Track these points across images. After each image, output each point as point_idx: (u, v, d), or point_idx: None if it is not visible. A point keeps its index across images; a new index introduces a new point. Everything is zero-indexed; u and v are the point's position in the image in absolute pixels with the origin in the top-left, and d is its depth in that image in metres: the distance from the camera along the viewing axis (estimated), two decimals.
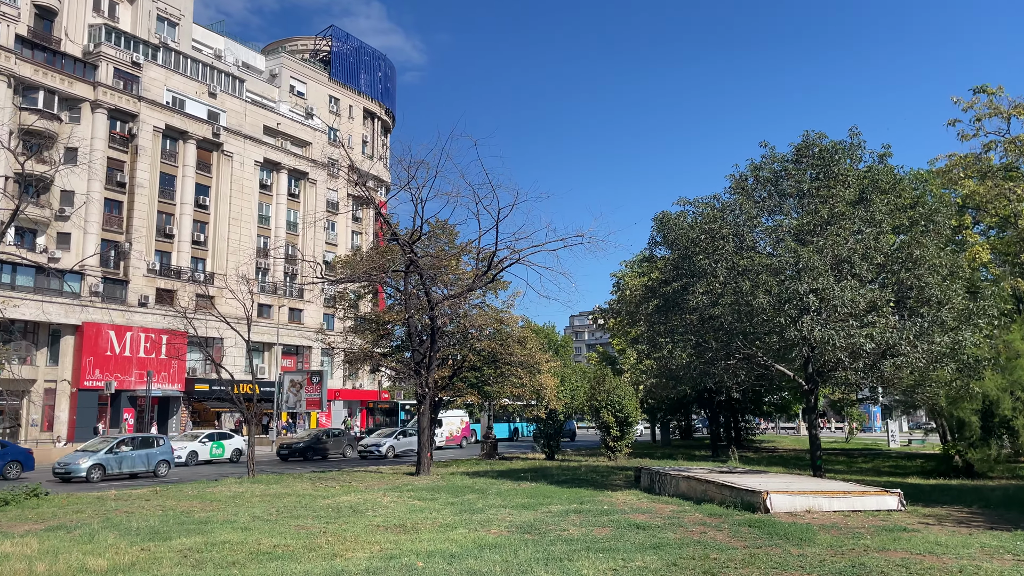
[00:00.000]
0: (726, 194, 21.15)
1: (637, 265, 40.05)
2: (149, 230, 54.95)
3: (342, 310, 32.03)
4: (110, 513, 16.17)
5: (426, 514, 15.88)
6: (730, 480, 16.50)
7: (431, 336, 26.67)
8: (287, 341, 63.34)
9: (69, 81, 51.59)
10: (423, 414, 26.57)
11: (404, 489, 21.02)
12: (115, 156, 54.09)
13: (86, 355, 50.02)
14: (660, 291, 21.64)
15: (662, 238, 21.52)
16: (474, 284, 26.32)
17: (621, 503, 17.16)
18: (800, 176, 19.80)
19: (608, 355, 46.42)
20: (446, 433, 47.94)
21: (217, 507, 17.25)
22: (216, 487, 22.03)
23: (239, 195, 61.24)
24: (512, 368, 30.48)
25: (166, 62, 58.26)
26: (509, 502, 17.71)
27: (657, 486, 19.46)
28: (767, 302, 17.57)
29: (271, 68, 70.16)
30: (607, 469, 27.14)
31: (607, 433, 31.70)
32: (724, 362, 20.52)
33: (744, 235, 19.09)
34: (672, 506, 16.27)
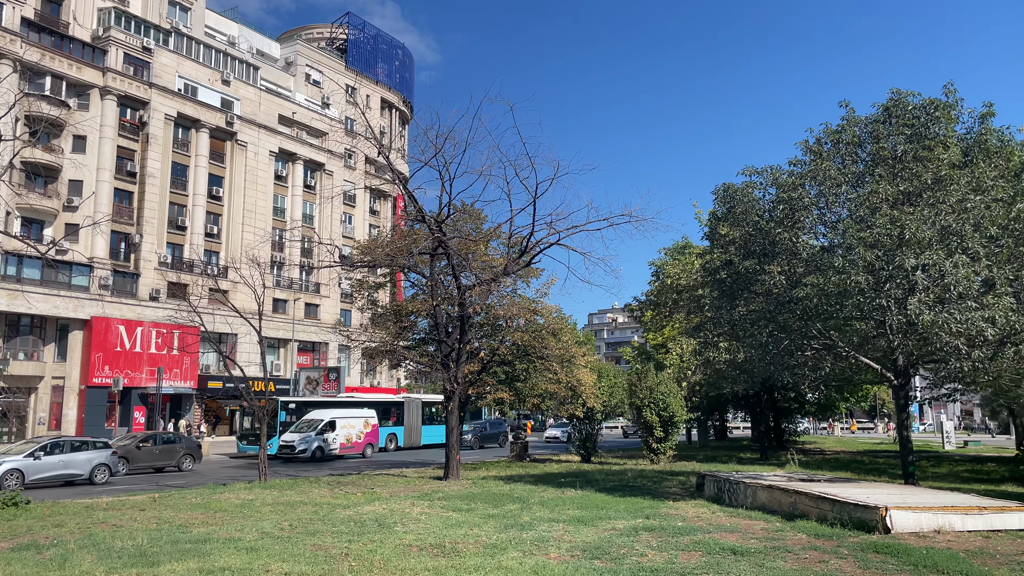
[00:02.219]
0: (796, 166, 18.49)
1: (678, 252, 37.42)
2: (160, 222, 52.84)
3: (361, 300, 29.57)
4: (94, 527, 13.77)
5: (465, 530, 13.38)
6: (827, 491, 13.88)
7: (460, 327, 24.16)
8: (303, 337, 61.14)
9: (77, 66, 49.55)
10: (452, 412, 24.08)
11: (434, 497, 18.53)
12: (125, 145, 52.02)
13: (95, 351, 47.99)
14: (725, 272, 18.98)
15: (726, 212, 18.88)
16: (507, 268, 23.76)
17: (693, 517, 14.57)
18: (894, 138, 17.13)
19: (644, 350, 43.73)
20: (342, 438, 38.83)
21: (221, 519, 14.82)
22: (223, 493, 19.64)
23: (253, 186, 59.07)
24: (546, 362, 27.95)
25: (178, 48, 56.14)
26: (559, 514, 15.17)
27: (727, 496, 16.85)
28: (865, 281, 14.93)
29: (286, 56, 67.97)
30: (656, 474, 24.53)
31: (649, 434, 29.07)
32: (801, 353, 17.91)
33: (830, 204, 16.44)
34: (760, 522, 13.66)
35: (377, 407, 44.04)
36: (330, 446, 37.73)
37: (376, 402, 45.87)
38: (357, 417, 40.71)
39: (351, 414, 40.64)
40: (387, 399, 47.41)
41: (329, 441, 37.64)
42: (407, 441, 46.24)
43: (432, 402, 48.24)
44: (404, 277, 29.93)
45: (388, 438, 44.61)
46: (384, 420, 44.53)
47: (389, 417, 45.51)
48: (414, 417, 47.07)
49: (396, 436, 45.57)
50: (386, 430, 44.59)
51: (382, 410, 44.75)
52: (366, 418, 41.28)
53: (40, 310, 46.15)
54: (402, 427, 46.33)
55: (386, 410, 45.44)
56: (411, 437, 46.61)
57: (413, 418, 46.95)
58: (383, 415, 44.45)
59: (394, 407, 46.67)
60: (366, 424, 40.96)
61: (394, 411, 46.43)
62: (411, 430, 46.67)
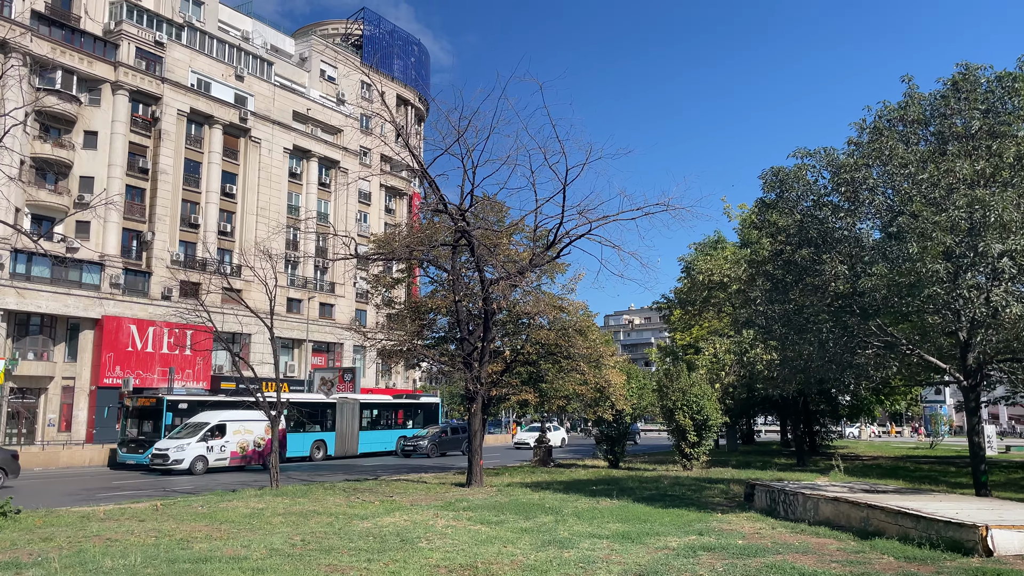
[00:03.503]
0: (855, 146, 16.91)
1: (710, 247, 35.81)
2: (173, 219, 51.76)
3: (378, 296, 28.19)
4: (86, 542, 12.41)
5: (498, 547, 11.90)
6: (906, 505, 12.30)
7: (484, 323, 22.69)
8: (317, 337, 59.93)
9: (89, 61, 48.54)
10: (475, 415, 22.61)
11: (458, 506, 17.07)
12: (137, 141, 50.97)
13: (106, 351, 46.94)
14: (777, 263, 17.40)
15: (775, 198, 17.32)
16: (534, 261, 22.27)
17: (752, 533, 13.02)
18: (968, 113, 15.54)
19: (671, 350, 42.08)
20: (234, 445, 32.03)
21: (227, 532, 13.42)
22: (231, 501, 18.26)
23: (267, 183, 57.94)
24: (573, 362, 26.44)
25: (191, 42, 55.10)
26: (600, 529, 13.67)
27: (783, 508, 15.28)
28: (943, 269, 13.35)
29: (301, 52, 66.87)
30: (693, 482, 22.96)
31: (682, 438, 27.47)
32: (863, 352, 16.34)
33: (898, 187, 14.85)
34: (831, 540, 12.10)
35: (303, 408, 37.59)
36: (217, 455, 31.29)
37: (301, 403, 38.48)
38: (257, 420, 32.81)
39: (250, 416, 33.09)
40: (315, 400, 41.17)
41: (215, 449, 31.18)
42: (340, 449, 40.18)
43: (374, 404, 43.70)
44: (423, 272, 28.56)
45: (315, 445, 38.84)
46: (311, 424, 38.74)
47: (317, 421, 39.48)
48: (349, 421, 40.96)
49: (325, 443, 39.49)
50: (312, 436, 38.75)
51: (308, 412, 38.25)
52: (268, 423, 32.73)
53: (50, 309, 45.19)
54: (333, 433, 40.15)
55: (313, 412, 39.07)
56: (345, 444, 40.51)
57: (348, 422, 40.84)
58: (309, 418, 38.44)
59: (324, 409, 40.24)
60: (268, 429, 31.42)
61: (324, 413, 40.07)
62: (345, 436, 40.58)
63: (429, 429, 42.83)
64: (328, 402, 40.75)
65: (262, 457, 32.82)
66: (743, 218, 36.24)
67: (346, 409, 40.90)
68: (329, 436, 39.84)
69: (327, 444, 39.50)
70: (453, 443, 42.70)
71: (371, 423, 42.86)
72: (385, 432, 43.89)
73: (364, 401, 43.34)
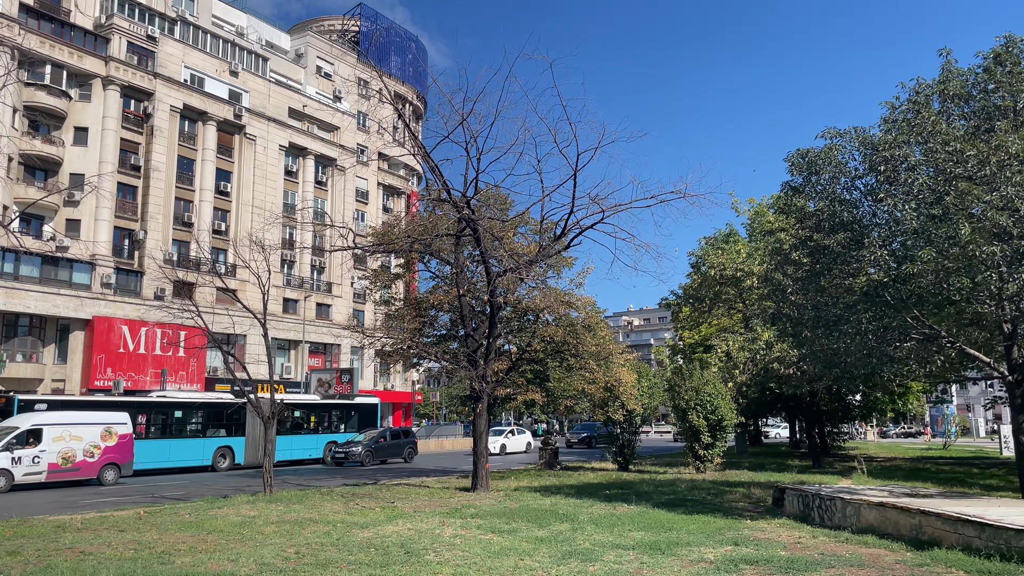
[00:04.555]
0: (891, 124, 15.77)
1: (722, 241, 34.67)
2: (166, 217, 50.51)
3: (377, 292, 27.02)
4: (56, 555, 11.20)
5: (514, 560, 10.72)
6: (966, 511, 11.14)
7: (490, 318, 21.51)
8: (314, 338, 58.68)
9: (79, 55, 47.32)
10: (480, 415, 21.42)
11: (465, 513, 15.88)
12: (129, 137, 49.70)
13: (96, 352, 45.67)
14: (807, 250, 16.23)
15: (804, 181, 16.16)
16: (542, 253, 21.10)
17: (792, 543, 11.85)
18: (1017, 86, 14.41)
19: (679, 348, 40.88)
20: (53, 456, 25.19)
21: (214, 544, 12.21)
22: (222, 508, 17.05)
23: (263, 181, 56.70)
24: (581, 360, 25.29)
25: (184, 37, 53.90)
26: (622, 538, 12.49)
27: (818, 514, 14.11)
28: (999, 252, 12.21)
29: (296, 48, 65.67)
30: (711, 485, 21.78)
31: (696, 439, 26.27)
32: (901, 344, 15.20)
33: (942, 165, 13.69)
34: (884, 551, 10.94)
35: (205, 410, 33.96)
36: (28, 469, 24.66)
37: (202, 403, 34.80)
38: (92, 424, 26.71)
39: (83, 419, 26.86)
40: (219, 400, 35.95)
41: (25, 461, 24.51)
42: (250, 457, 34.34)
43: (297, 404, 38.59)
44: (423, 267, 27.37)
45: (219, 453, 33.63)
46: (214, 428, 33.90)
47: (222, 424, 34.32)
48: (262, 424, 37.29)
49: (231, 450, 34.20)
50: (216, 442, 33.61)
51: (211, 414, 34.10)
52: (108, 426, 26.94)
53: (39, 309, 43.96)
54: (242, 438, 34.59)
55: (216, 414, 34.31)
56: (256, 451, 33.84)
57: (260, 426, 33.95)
58: (214, 421, 34.03)
59: (230, 412, 34.38)
60: (106, 435, 26.70)
61: (231, 415, 34.46)
62: (257, 442, 34.07)
63: (366, 434, 38.12)
64: (235, 402, 35.00)
65: (98, 469, 26.43)
66: (756, 211, 35.12)
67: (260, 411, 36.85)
68: (237, 441, 34.41)
69: (235, 451, 34.15)
70: (393, 450, 38.35)
71: (294, 426, 37.39)
72: (311, 437, 38.44)
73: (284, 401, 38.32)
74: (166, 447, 31.85)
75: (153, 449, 31.08)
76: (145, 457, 30.16)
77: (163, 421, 32.57)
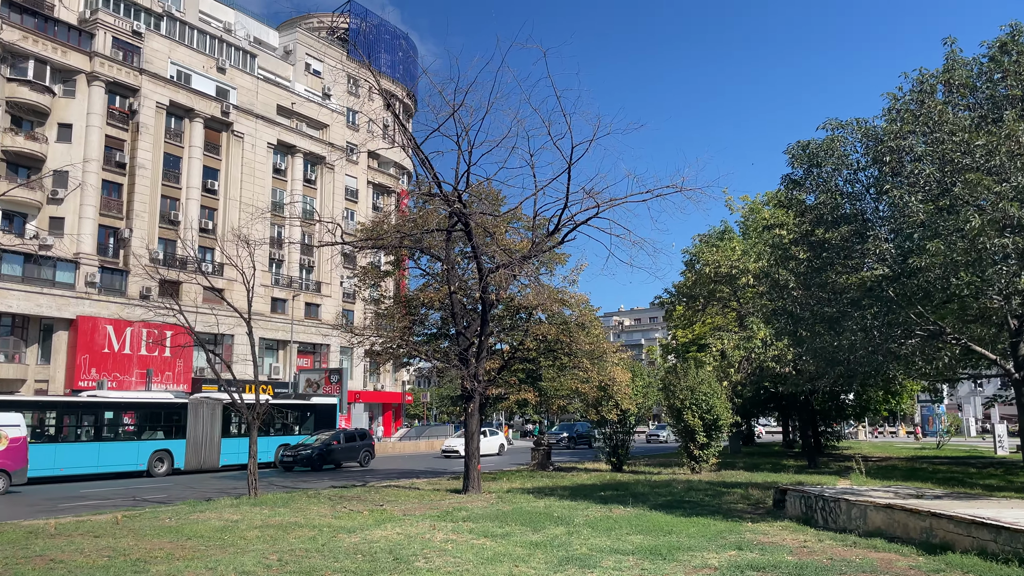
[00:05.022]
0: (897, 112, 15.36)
1: (716, 238, 34.23)
2: (152, 216, 49.74)
3: (366, 290, 26.46)
4: (26, 563, 10.61)
5: (508, 566, 10.21)
6: (979, 514, 10.69)
7: (482, 316, 20.98)
8: (303, 338, 58.00)
9: (63, 50, 46.52)
10: (471, 415, 20.89)
11: (456, 516, 15.35)
12: (114, 134, 48.92)
13: (81, 352, 44.89)
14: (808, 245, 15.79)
15: (804, 174, 15.71)
16: (535, 248, 20.58)
17: (798, 547, 11.38)
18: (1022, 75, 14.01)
19: (672, 347, 40.41)
20: None
21: (192, 551, 11.64)
22: (204, 512, 16.46)
23: (251, 179, 55.98)
24: (575, 359, 24.81)
25: (170, 32, 53.15)
26: (620, 542, 11.99)
27: (822, 516, 13.65)
28: (1011, 244, 11.79)
29: (285, 45, 64.96)
30: (708, 486, 21.33)
31: (691, 439, 25.81)
32: (906, 341, 14.79)
33: (949, 155, 13.26)
34: (895, 556, 10.48)
35: (141, 411, 31.60)
36: None
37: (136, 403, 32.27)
38: None
39: None
40: (155, 400, 33.60)
41: None
42: (193, 461, 32.42)
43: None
44: (413, 264, 26.86)
45: (156, 457, 31.06)
46: (151, 430, 31.48)
47: (159, 426, 31.94)
48: (206, 426, 33.12)
49: (170, 454, 31.66)
50: (152, 445, 31.14)
51: (148, 415, 31.69)
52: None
53: (21, 309, 43.16)
54: (182, 441, 32.19)
55: (154, 415, 31.95)
56: (200, 455, 32.67)
57: (204, 428, 33.07)
58: (151, 423, 31.63)
59: (169, 412, 32.35)
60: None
61: (170, 417, 32.30)
62: (200, 445, 32.73)
63: (318, 436, 35.83)
64: (175, 402, 33.28)
65: None
66: (750, 208, 34.70)
67: (202, 411, 33.16)
68: (177, 445, 31.94)
69: (172, 455, 31.67)
70: (347, 453, 36.05)
71: (241, 428, 34.33)
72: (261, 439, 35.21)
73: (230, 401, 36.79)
74: (94, 451, 29.52)
75: (78, 453, 28.93)
76: (69, 462, 28.52)
77: (92, 423, 30.11)
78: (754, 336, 26.83)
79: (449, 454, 42.64)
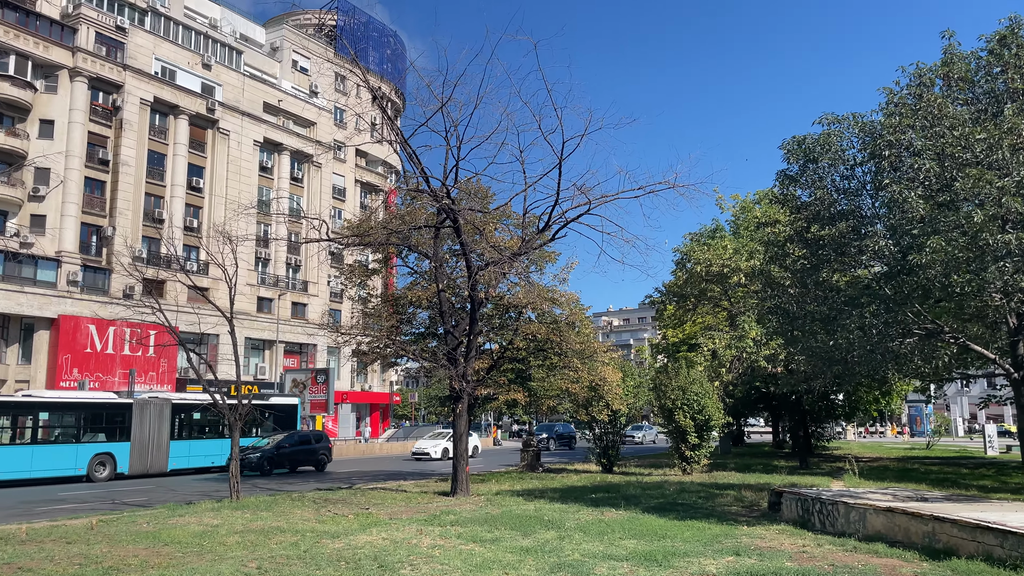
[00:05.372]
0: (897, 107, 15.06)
1: (708, 237, 33.91)
2: (136, 214, 49.03)
3: (352, 288, 25.99)
4: None
5: (497, 573, 9.82)
6: (983, 517, 10.36)
7: (471, 314, 20.57)
8: (290, 338, 57.37)
9: (45, 45, 45.79)
10: (460, 415, 20.47)
11: (445, 520, 14.92)
12: (97, 131, 48.21)
13: (62, 352, 44.18)
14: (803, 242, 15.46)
15: (801, 169, 15.39)
16: (525, 245, 20.19)
17: (797, 552, 11.02)
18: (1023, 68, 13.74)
19: (663, 347, 40.07)
20: None
21: (168, 558, 11.17)
22: (184, 516, 15.95)
23: (236, 177, 55.31)
24: (565, 359, 24.43)
25: (154, 28, 52.47)
26: (613, 547, 11.60)
27: (819, 519, 13.31)
28: (1013, 241, 11.48)
29: (272, 41, 64.30)
30: (700, 488, 20.99)
31: (682, 440, 25.47)
32: (903, 340, 14.50)
33: (949, 150, 12.95)
34: (898, 561, 10.14)
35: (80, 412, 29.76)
36: None
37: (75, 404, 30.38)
38: None
39: None
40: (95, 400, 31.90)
41: None
42: (138, 465, 30.32)
43: (192, 405, 32.88)
44: (402, 261, 26.42)
45: (97, 461, 29.13)
46: (92, 433, 29.73)
47: (101, 428, 29.99)
48: (153, 428, 30.98)
49: (112, 457, 29.59)
50: (93, 448, 29.24)
51: (88, 417, 29.93)
52: None
53: (2, 308, 42.43)
54: (127, 443, 30.06)
55: (95, 417, 30.12)
56: (145, 459, 30.62)
57: (151, 429, 30.93)
58: (92, 425, 29.87)
59: (111, 413, 30.39)
60: None
61: (112, 418, 30.31)
62: (146, 448, 30.61)
63: (270, 438, 33.58)
64: (118, 403, 31.27)
65: None
66: (741, 207, 34.43)
67: (149, 411, 31.07)
68: (121, 448, 29.81)
69: (115, 459, 29.58)
70: (302, 456, 34.00)
71: (192, 430, 32.74)
72: (215, 442, 33.04)
73: (180, 401, 33.19)
74: (27, 454, 27.50)
75: (8, 457, 26.96)
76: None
77: (25, 425, 28.17)
78: (746, 335, 26.52)
79: (420, 456, 40.69)
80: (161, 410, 31.71)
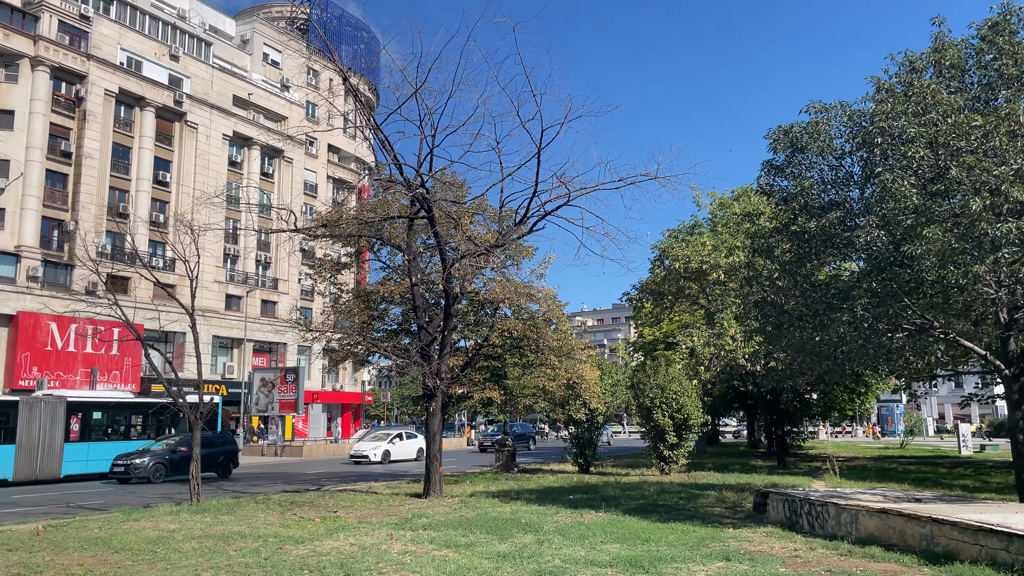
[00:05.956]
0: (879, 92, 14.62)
1: (687, 233, 33.47)
2: (99, 208, 47.53)
3: (323, 283, 25.13)
4: None
5: None
6: (985, 519, 9.86)
7: (445, 309, 19.85)
8: (259, 337, 56.11)
9: (5, 33, 44.24)
10: (433, 414, 19.73)
11: (417, 524, 14.18)
12: (59, 122, 46.65)
13: (21, 350, 42.67)
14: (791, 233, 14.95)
15: (787, 160, 14.88)
16: (502, 238, 19.50)
17: (789, 556, 10.45)
18: (1021, 55, 13.31)
19: (640, 345, 39.59)
20: None
21: (116, 567, 10.32)
22: (139, 521, 15.05)
23: (204, 171, 53.94)
24: (542, 356, 23.79)
25: (120, 17, 51.00)
26: (595, 552, 10.96)
27: (808, 521, 12.78)
28: (1014, 230, 11.03)
29: (242, 34, 62.97)
30: (680, 489, 20.45)
31: (660, 439, 24.93)
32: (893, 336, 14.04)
33: (943, 137, 12.48)
34: (897, 566, 9.61)
35: None
36: None
37: None
38: None
39: None
40: None
41: None
42: (24, 470, 27.13)
43: (96, 404, 30.47)
44: (374, 255, 25.60)
45: None
46: None
47: None
48: (44, 429, 27.79)
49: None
50: None
51: None
52: None
53: None
54: (11, 446, 26.84)
55: None
56: (34, 463, 27.40)
57: (41, 431, 27.71)
58: None
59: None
60: None
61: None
62: (34, 451, 27.45)
63: (164, 440, 30.00)
64: (2, 400, 28.63)
65: None
66: (719, 203, 34.02)
67: (39, 411, 27.92)
68: (4, 451, 26.58)
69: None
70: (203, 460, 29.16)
71: (91, 431, 29.60)
72: (117, 444, 29.93)
73: (77, 400, 30.12)
74: None
75: None
76: None
77: None
78: (724, 333, 26.07)
79: (359, 460, 37.63)
80: (54, 409, 28.61)
